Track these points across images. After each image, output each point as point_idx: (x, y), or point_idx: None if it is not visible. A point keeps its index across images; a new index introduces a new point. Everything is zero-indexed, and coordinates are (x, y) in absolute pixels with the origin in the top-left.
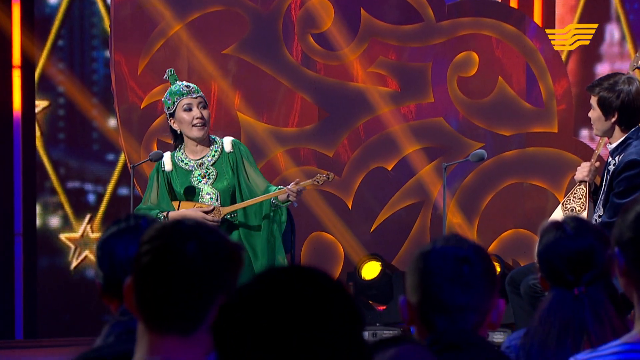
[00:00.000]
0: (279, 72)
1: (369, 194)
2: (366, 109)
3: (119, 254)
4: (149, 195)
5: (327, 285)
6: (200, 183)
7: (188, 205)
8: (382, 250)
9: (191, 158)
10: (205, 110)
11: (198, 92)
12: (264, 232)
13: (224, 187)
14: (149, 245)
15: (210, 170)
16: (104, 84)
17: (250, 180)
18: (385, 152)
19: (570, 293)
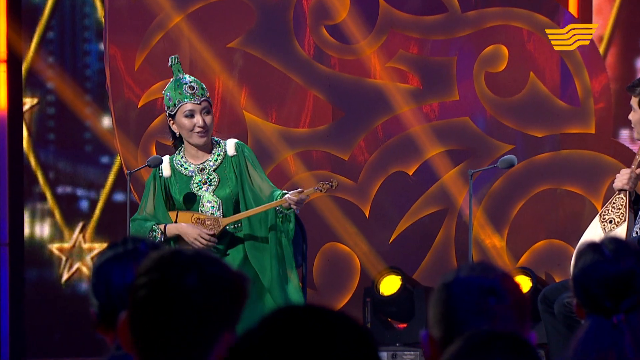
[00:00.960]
0: (289, 68)
1: (388, 201)
2: (385, 108)
3: (115, 281)
4: (144, 205)
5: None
6: (201, 190)
7: (186, 216)
8: (403, 262)
9: (192, 162)
10: (209, 116)
11: (203, 95)
12: (271, 243)
13: (226, 195)
14: (145, 278)
15: (212, 176)
16: (98, 79)
17: (255, 186)
18: (405, 155)
19: (609, 321)
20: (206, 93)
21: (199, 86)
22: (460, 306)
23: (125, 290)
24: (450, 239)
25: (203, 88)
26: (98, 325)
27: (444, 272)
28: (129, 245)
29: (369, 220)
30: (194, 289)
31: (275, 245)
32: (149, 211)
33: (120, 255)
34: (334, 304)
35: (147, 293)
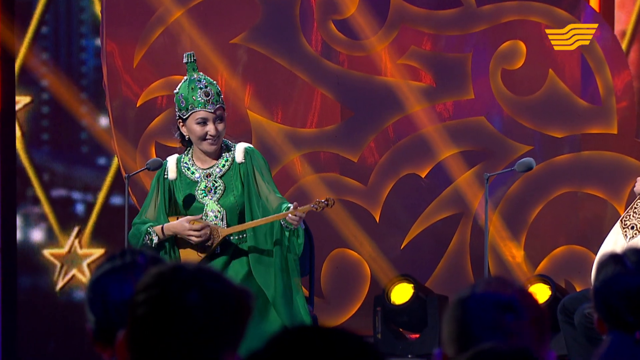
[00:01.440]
0: (295, 65)
1: (400, 205)
2: (396, 107)
3: (113, 296)
4: (146, 208)
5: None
6: (205, 198)
7: None
8: (415, 270)
9: (199, 166)
10: (222, 124)
11: (217, 102)
12: (276, 258)
13: (230, 205)
14: (144, 295)
15: (218, 183)
16: (95, 77)
17: (262, 197)
18: (417, 157)
19: (631, 337)
20: (221, 99)
21: (214, 91)
22: (476, 323)
23: (123, 306)
24: (465, 245)
25: (218, 93)
26: (95, 341)
27: (458, 279)
28: (127, 257)
29: (379, 225)
30: (195, 306)
31: (280, 260)
32: (150, 216)
33: (118, 268)
34: (342, 313)
35: (147, 310)
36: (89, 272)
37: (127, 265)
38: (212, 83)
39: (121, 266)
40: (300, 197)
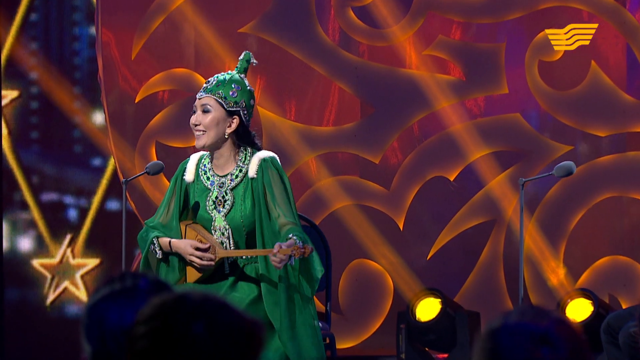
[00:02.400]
0: (310, 56)
1: (426, 211)
2: (421, 103)
3: (111, 323)
4: (161, 209)
5: None
6: (214, 210)
7: (191, 234)
8: (442, 283)
9: (216, 172)
10: (209, 115)
11: (209, 91)
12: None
13: (236, 223)
14: (145, 327)
15: (228, 196)
16: (89, 69)
17: (273, 220)
18: (445, 158)
19: None
20: (219, 89)
21: (213, 80)
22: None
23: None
24: (498, 256)
25: (219, 84)
26: None
27: (490, 294)
28: (128, 281)
29: (403, 234)
30: (201, 339)
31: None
32: (163, 219)
33: (117, 293)
34: (362, 331)
35: (148, 344)
36: (83, 285)
37: (127, 290)
38: (224, 74)
39: (121, 291)
40: (315, 204)
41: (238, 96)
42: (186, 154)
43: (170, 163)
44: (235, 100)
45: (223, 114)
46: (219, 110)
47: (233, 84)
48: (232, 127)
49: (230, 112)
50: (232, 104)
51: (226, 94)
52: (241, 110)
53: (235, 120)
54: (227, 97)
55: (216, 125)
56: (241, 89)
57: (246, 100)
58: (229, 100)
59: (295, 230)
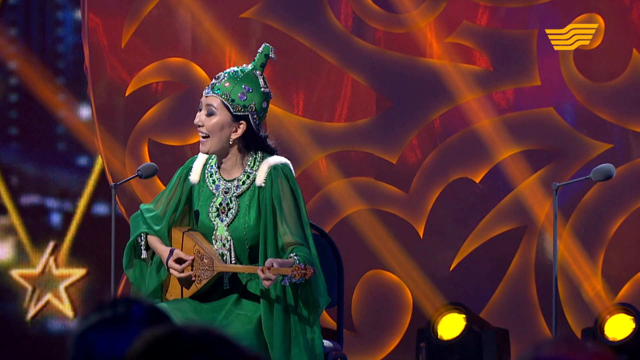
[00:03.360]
0: (320, 44)
1: (449, 217)
2: (444, 96)
3: (100, 355)
4: (160, 199)
5: None
6: (217, 218)
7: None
8: (467, 296)
9: (222, 176)
10: (213, 118)
11: (214, 88)
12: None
13: (239, 235)
14: None
15: (232, 204)
16: (74, 58)
17: (279, 236)
18: (470, 158)
19: None
20: (227, 90)
21: (223, 76)
22: None
23: None
24: (529, 266)
25: (228, 82)
26: None
27: (520, 309)
28: (120, 308)
29: (423, 242)
30: None
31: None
32: (162, 213)
33: (109, 321)
34: (378, 350)
35: None
36: (67, 298)
37: (119, 318)
38: (233, 71)
39: (112, 318)
40: (325, 208)
41: (248, 99)
42: (183, 154)
43: (164, 163)
44: (244, 104)
45: (228, 118)
46: (224, 113)
47: (244, 84)
48: (237, 133)
49: (237, 116)
50: (240, 108)
51: (234, 95)
52: (250, 114)
53: (242, 126)
54: (235, 100)
55: (220, 130)
56: (252, 90)
57: (257, 103)
58: (236, 104)
59: (300, 250)
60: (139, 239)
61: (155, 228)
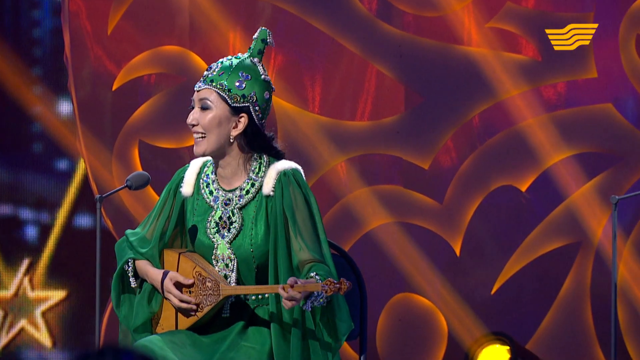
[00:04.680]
0: (340, 30)
1: (489, 231)
2: (483, 91)
3: None
4: (149, 220)
5: None
6: (217, 234)
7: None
8: (512, 325)
9: (221, 186)
10: (209, 113)
11: (207, 80)
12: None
13: (244, 254)
14: None
15: (235, 217)
16: (52, 45)
17: (293, 253)
18: (515, 162)
19: None
20: (222, 79)
21: (216, 67)
22: None
23: None
24: (584, 289)
25: (222, 72)
26: None
27: (574, 338)
28: (108, 358)
29: (460, 260)
30: None
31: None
32: (149, 234)
33: None
34: None
35: None
36: (45, 325)
37: None
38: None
39: None
40: (344, 222)
41: (247, 88)
42: (179, 158)
43: (158, 170)
44: (243, 94)
45: (226, 111)
46: (221, 106)
47: (241, 72)
48: (238, 128)
49: (236, 108)
50: (239, 98)
51: (231, 85)
52: (251, 105)
53: (243, 119)
54: (232, 90)
55: (217, 125)
56: (251, 78)
57: (258, 93)
58: (234, 94)
59: (321, 269)
60: (125, 267)
61: (142, 251)
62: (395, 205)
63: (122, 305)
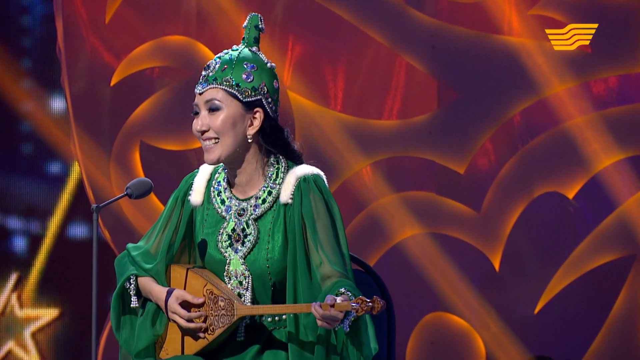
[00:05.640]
0: (366, 18)
1: (533, 243)
2: (526, 86)
3: None
4: (153, 233)
5: None
6: (229, 249)
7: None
8: (558, 347)
9: (234, 194)
10: (219, 114)
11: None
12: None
13: (260, 269)
14: None
15: (250, 229)
16: (43, 35)
17: (313, 268)
18: (561, 166)
19: None
20: (226, 75)
21: (215, 63)
22: None
23: None
24: (639, 307)
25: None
26: None
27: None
28: None
29: (499, 275)
30: None
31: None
32: (153, 249)
33: None
34: None
35: None
36: (35, 347)
37: None
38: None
39: None
40: (370, 233)
41: (255, 79)
42: (186, 162)
43: (162, 175)
44: (253, 86)
45: (239, 108)
46: (232, 104)
47: (245, 63)
48: (254, 126)
49: (249, 103)
50: (250, 91)
51: (238, 78)
52: (263, 98)
53: (259, 114)
54: (241, 84)
55: (232, 126)
56: (257, 67)
57: (268, 82)
58: (243, 88)
59: (347, 284)
60: (126, 285)
61: (146, 266)
62: (427, 214)
63: (123, 327)
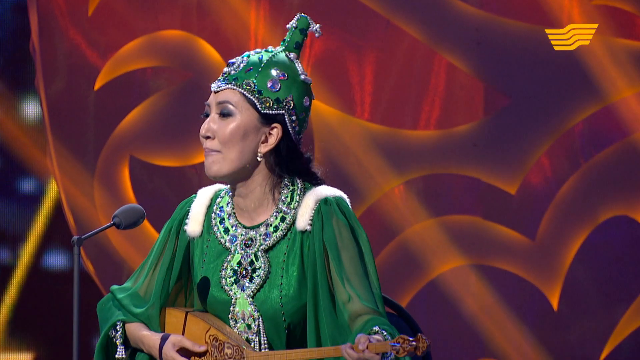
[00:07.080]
0: (398, 10)
1: (597, 278)
2: (588, 90)
3: None
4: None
5: None
6: (234, 286)
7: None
8: None
9: (240, 221)
10: (231, 121)
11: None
12: None
13: (273, 310)
14: None
15: (259, 262)
16: (14, 29)
17: (339, 305)
18: (631, 186)
19: None
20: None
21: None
22: None
23: None
24: None
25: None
26: None
27: None
28: None
29: (559, 316)
30: None
31: None
32: (142, 291)
33: None
34: None
35: None
36: None
37: None
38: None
39: None
40: (403, 266)
41: (282, 90)
42: (185, 181)
43: (155, 197)
44: (277, 97)
45: (255, 119)
46: (247, 112)
47: (275, 69)
48: (268, 143)
49: (268, 116)
50: (272, 102)
51: (261, 85)
52: (287, 114)
53: (276, 131)
54: (264, 91)
55: (242, 138)
56: (288, 77)
57: (296, 97)
58: (265, 97)
59: (381, 322)
60: (111, 332)
61: (135, 310)
62: (472, 243)
63: None
